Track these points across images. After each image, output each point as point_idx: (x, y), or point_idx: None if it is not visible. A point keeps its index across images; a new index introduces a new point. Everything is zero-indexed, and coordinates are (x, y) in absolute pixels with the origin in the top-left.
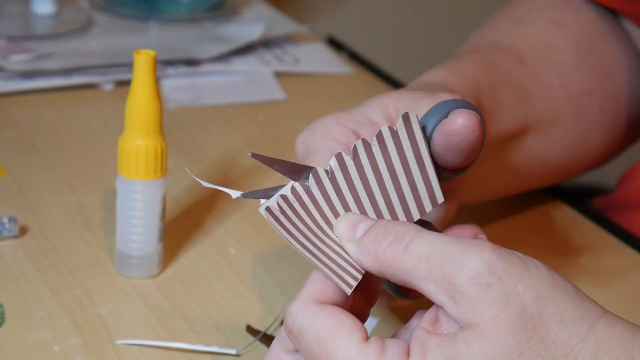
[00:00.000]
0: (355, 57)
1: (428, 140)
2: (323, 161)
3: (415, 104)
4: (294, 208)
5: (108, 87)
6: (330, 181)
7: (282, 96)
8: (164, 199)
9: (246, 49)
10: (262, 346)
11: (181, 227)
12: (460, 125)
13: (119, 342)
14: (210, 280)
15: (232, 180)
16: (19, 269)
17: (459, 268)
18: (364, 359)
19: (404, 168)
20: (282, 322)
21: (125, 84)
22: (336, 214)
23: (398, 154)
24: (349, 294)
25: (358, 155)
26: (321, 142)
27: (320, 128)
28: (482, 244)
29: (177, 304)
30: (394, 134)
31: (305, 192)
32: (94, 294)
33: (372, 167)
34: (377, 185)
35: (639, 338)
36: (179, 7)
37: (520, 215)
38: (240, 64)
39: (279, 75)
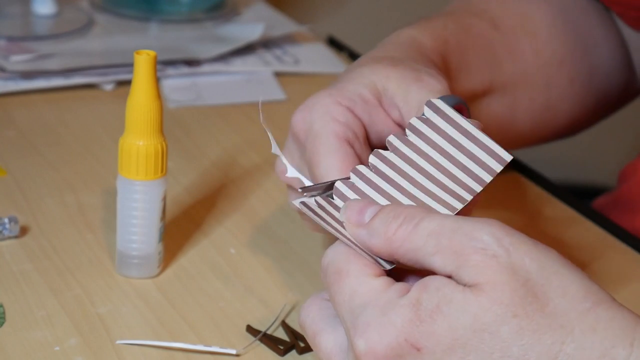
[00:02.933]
0: (355, 57)
1: None
2: (328, 143)
3: (404, 89)
4: (334, 204)
5: (108, 87)
6: (376, 173)
7: (282, 96)
8: (164, 199)
9: (246, 49)
10: (262, 346)
11: (181, 227)
12: None
13: (119, 342)
14: (210, 280)
15: (232, 180)
16: (19, 269)
17: (467, 240)
18: (368, 290)
19: (452, 144)
20: (282, 322)
21: (125, 84)
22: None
23: (439, 135)
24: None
25: (396, 148)
26: (322, 123)
27: (319, 108)
28: (491, 220)
29: (177, 304)
30: (426, 121)
31: (350, 188)
32: (94, 294)
33: (417, 153)
34: (429, 166)
35: None
36: (179, 7)
37: (520, 216)
38: (240, 64)
39: (279, 75)
